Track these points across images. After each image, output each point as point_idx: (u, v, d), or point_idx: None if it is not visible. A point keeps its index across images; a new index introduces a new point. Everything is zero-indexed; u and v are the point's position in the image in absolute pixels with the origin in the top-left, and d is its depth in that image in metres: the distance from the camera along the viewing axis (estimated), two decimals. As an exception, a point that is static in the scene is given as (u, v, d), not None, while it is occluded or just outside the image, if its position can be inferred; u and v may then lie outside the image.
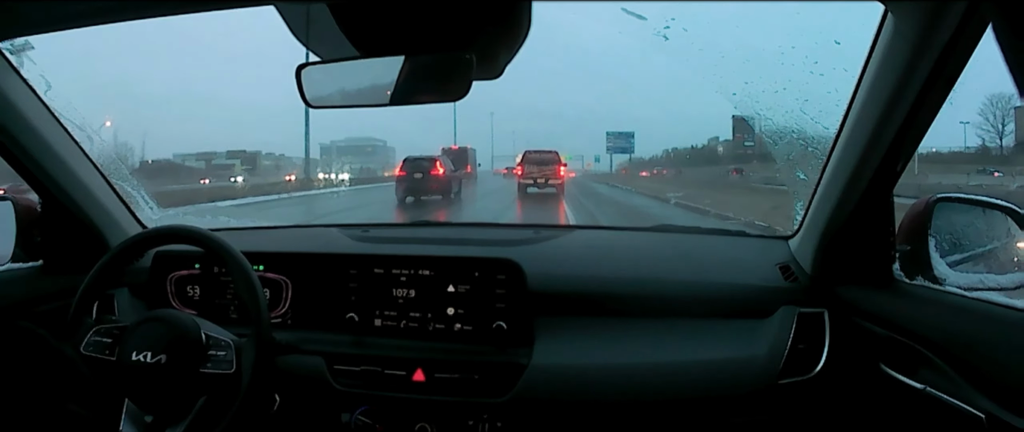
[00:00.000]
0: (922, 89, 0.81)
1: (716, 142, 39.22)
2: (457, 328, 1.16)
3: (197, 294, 1.28)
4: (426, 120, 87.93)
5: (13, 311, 1.20)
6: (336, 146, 56.25)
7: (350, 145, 56.31)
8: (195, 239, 1.08)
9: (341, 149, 55.53)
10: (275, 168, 43.06)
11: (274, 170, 40.27)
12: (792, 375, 1.03)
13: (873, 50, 0.87)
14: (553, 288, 1.17)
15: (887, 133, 0.88)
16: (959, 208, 1.01)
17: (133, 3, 0.84)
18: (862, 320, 1.01)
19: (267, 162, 43.71)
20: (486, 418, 1.08)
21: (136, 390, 0.99)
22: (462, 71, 0.73)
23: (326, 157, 56.35)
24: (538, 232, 1.42)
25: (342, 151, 55.52)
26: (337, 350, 1.15)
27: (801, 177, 1.36)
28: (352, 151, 55.18)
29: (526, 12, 0.69)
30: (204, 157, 40.07)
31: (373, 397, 1.11)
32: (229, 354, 0.99)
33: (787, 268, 1.18)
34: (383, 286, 1.19)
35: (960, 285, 0.91)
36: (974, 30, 0.72)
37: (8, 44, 1.07)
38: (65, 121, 1.22)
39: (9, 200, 1.29)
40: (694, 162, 36.81)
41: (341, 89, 0.83)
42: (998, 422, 0.72)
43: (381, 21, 0.73)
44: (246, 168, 38.66)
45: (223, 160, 41.00)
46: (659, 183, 20.99)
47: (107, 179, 1.35)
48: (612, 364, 1.08)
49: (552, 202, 12.74)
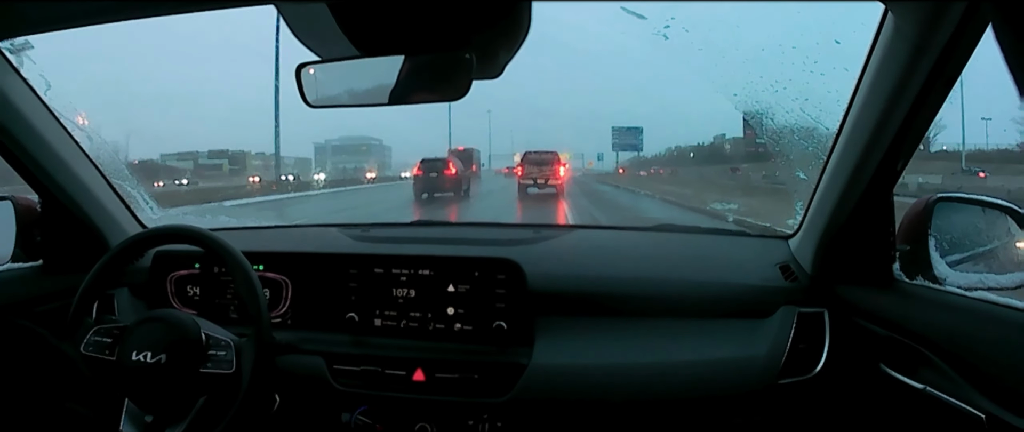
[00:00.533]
0: (922, 89, 0.80)
1: (723, 140, 36.12)
2: (457, 328, 1.16)
3: (197, 294, 1.28)
4: (423, 118, 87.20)
5: (13, 311, 1.20)
6: (331, 145, 54.69)
7: (345, 144, 54.59)
8: (195, 239, 1.08)
9: (336, 148, 54.01)
10: (265, 167, 41.26)
11: (264, 169, 38.62)
12: (792, 375, 1.03)
13: (873, 50, 0.87)
14: (553, 288, 1.17)
15: (887, 133, 0.88)
16: (959, 208, 1.01)
17: (133, 3, 0.84)
18: (862, 320, 1.01)
19: (257, 161, 41.93)
20: (486, 418, 1.08)
21: (136, 390, 0.99)
22: (462, 71, 0.73)
23: (321, 156, 54.17)
24: (538, 232, 1.42)
25: (337, 150, 53.92)
26: (337, 350, 1.15)
27: (801, 177, 1.36)
28: (347, 150, 53.56)
29: (526, 11, 0.69)
30: (187, 157, 37.42)
31: (373, 397, 1.11)
32: (229, 354, 0.99)
33: (787, 268, 1.18)
34: (383, 286, 1.19)
35: (960, 285, 0.91)
36: (974, 30, 0.71)
37: (8, 44, 1.07)
38: (65, 121, 1.22)
39: (9, 200, 1.29)
40: (700, 160, 35.41)
41: (340, 88, 0.83)
42: (998, 422, 0.72)
43: (381, 20, 0.73)
44: (235, 168, 36.92)
45: (206, 160, 39.04)
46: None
47: (107, 179, 1.35)
48: (612, 364, 1.08)
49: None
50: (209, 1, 0.75)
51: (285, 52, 2.11)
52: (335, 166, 47.01)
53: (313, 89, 0.81)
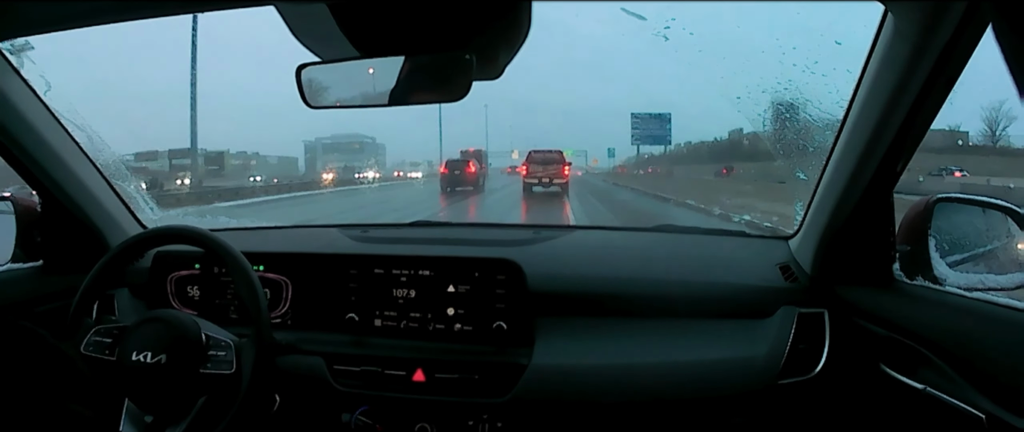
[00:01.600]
0: (922, 89, 0.81)
1: (740, 135, 31.14)
2: (457, 328, 1.16)
3: (197, 294, 1.28)
4: (417, 114, 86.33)
5: (13, 311, 1.20)
6: (321, 143, 52.55)
7: (336, 142, 52.61)
8: (195, 239, 1.08)
9: (326, 146, 51.99)
10: (243, 168, 39.59)
11: (242, 170, 36.95)
12: (792, 375, 1.03)
13: (873, 50, 0.87)
14: (553, 288, 1.17)
15: (887, 133, 0.88)
16: (959, 208, 1.01)
17: (133, 3, 0.84)
18: (862, 320, 1.01)
19: (236, 162, 40.11)
20: (486, 418, 1.08)
21: (136, 390, 0.99)
22: (462, 71, 0.73)
23: (310, 155, 52.27)
24: (538, 232, 1.42)
25: (327, 149, 51.86)
26: (337, 350, 1.15)
27: (801, 176, 1.36)
28: (338, 148, 51.56)
29: (526, 12, 0.69)
30: (146, 157, 28.77)
31: (373, 397, 1.11)
32: (229, 354, 0.99)
33: (787, 268, 1.18)
34: (383, 286, 1.19)
35: (960, 285, 0.91)
36: (974, 30, 0.72)
37: (8, 44, 1.07)
38: (65, 121, 1.22)
39: (9, 200, 1.29)
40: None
41: (341, 89, 0.83)
42: (998, 422, 0.72)
43: (381, 21, 0.73)
44: (212, 168, 33.50)
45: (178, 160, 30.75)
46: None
47: (107, 179, 1.35)
48: (612, 364, 1.08)
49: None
50: (209, 1, 0.76)
51: (286, 52, 2.09)
52: (326, 166, 44.50)
53: (313, 90, 0.82)
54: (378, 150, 54.66)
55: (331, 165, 42.42)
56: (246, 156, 45.82)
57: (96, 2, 0.80)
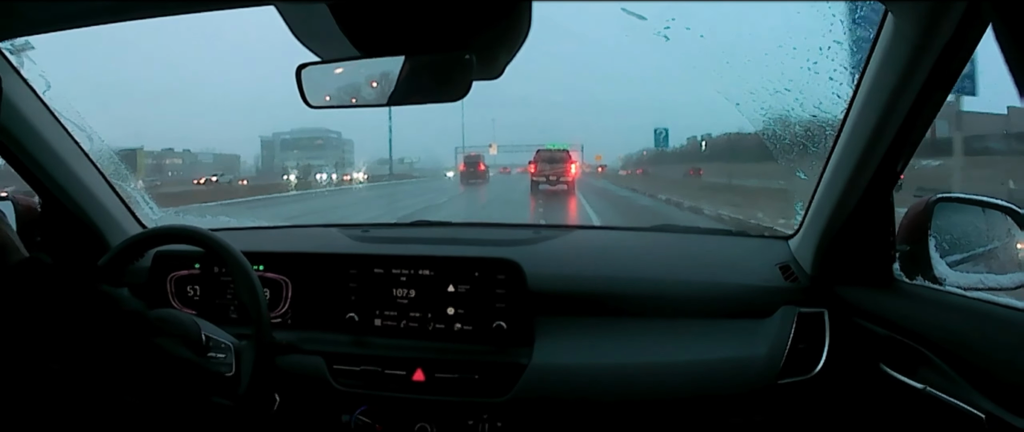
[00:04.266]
0: (922, 89, 0.81)
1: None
2: (457, 328, 1.16)
3: (197, 294, 1.28)
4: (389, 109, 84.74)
5: None
6: (280, 139, 47.51)
7: (297, 138, 47.19)
8: (195, 239, 1.08)
9: (286, 143, 46.90)
10: (157, 168, 35.12)
11: (155, 170, 33.13)
12: (792, 375, 1.03)
13: (873, 50, 0.87)
14: (553, 288, 1.17)
15: (887, 133, 0.88)
16: (959, 208, 1.01)
17: (133, 3, 0.84)
18: (862, 320, 1.01)
19: (150, 161, 33.81)
20: (486, 418, 1.08)
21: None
22: (462, 71, 0.73)
23: (267, 153, 46.63)
24: (538, 232, 1.42)
25: (287, 145, 46.82)
26: (337, 350, 1.15)
27: (801, 176, 1.36)
28: (300, 145, 46.51)
29: (526, 12, 0.69)
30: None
31: (373, 397, 1.11)
32: (229, 356, 0.99)
33: (787, 268, 1.18)
34: (383, 286, 1.19)
35: (960, 285, 0.91)
36: (974, 30, 0.72)
37: (8, 44, 1.07)
38: (65, 121, 1.22)
39: (9, 200, 1.29)
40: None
41: (341, 89, 0.83)
42: (998, 422, 0.72)
43: (381, 21, 0.73)
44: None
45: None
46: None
47: (107, 179, 1.35)
48: (612, 364, 1.08)
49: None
50: (209, 1, 0.76)
51: (285, 52, 2.08)
52: (282, 165, 40.24)
53: (313, 90, 0.81)
54: (344, 146, 48.73)
55: (288, 163, 39.09)
56: (173, 153, 39.98)
57: (96, 2, 0.80)
